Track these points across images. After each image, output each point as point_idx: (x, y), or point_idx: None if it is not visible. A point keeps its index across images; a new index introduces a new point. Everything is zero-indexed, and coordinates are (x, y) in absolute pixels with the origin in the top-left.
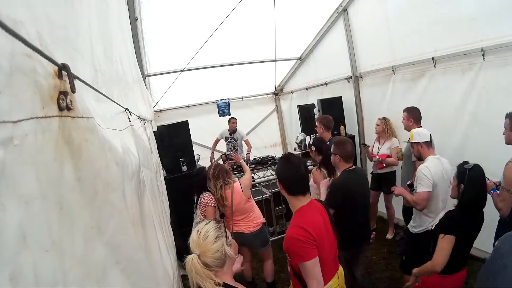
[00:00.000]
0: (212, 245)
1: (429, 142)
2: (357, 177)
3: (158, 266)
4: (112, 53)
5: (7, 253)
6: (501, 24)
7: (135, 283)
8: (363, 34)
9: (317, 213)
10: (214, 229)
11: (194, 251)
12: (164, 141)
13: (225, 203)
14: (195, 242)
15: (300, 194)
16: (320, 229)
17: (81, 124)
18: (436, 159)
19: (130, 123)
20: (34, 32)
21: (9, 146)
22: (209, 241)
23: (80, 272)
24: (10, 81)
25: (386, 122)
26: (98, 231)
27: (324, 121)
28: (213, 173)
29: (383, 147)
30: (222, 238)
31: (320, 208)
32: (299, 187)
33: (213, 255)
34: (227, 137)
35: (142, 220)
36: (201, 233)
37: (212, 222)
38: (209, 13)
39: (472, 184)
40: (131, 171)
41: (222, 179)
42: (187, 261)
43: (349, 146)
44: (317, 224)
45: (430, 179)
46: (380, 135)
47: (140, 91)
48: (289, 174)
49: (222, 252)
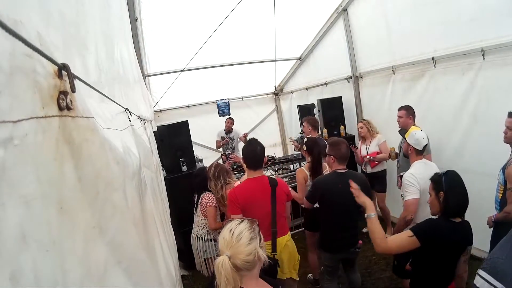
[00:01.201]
0: (246, 247)
1: (419, 151)
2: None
3: (160, 265)
4: (114, 53)
5: (7, 253)
6: (501, 24)
7: (137, 282)
8: (363, 34)
9: (256, 185)
10: (248, 230)
11: (225, 252)
12: (164, 141)
13: (226, 203)
14: (227, 242)
15: (252, 168)
16: (249, 198)
17: (81, 123)
18: (423, 164)
19: (131, 123)
20: (34, 32)
21: (9, 146)
22: (242, 243)
23: (81, 272)
24: (10, 81)
25: (369, 122)
26: (99, 231)
27: (312, 121)
28: (213, 172)
29: (371, 146)
30: (256, 240)
31: (264, 184)
32: (252, 163)
33: (245, 258)
34: (223, 136)
35: (144, 220)
36: (234, 233)
37: (245, 222)
38: (209, 13)
39: (451, 186)
40: (132, 171)
41: (222, 179)
42: (217, 262)
43: (344, 147)
44: (247, 193)
45: (416, 185)
46: (365, 136)
47: (141, 91)
48: (247, 152)
49: (255, 256)
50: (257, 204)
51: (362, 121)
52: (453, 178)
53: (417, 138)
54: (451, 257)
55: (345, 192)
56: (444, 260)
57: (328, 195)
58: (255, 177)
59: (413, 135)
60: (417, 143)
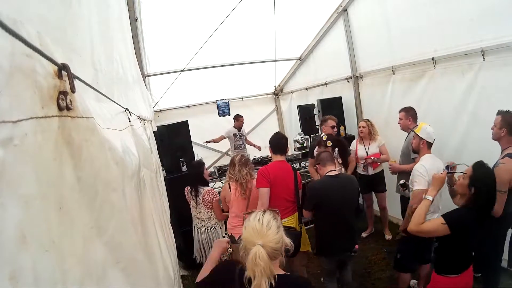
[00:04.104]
0: (275, 235)
1: (430, 144)
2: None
3: (158, 265)
4: (112, 53)
5: (7, 253)
6: (501, 24)
7: (135, 282)
8: (363, 34)
9: (282, 167)
10: (274, 219)
11: (256, 242)
12: (164, 141)
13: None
14: (258, 231)
15: (278, 153)
16: (277, 175)
17: (81, 124)
18: (431, 158)
19: (130, 123)
20: (34, 32)
21: (9, 146)
22: (272, 232)
23: (80, 272)
24: (10, 81)
25: (371, 123)
26: (98, 231)
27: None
28: (240, 159)
29: (371, 147)
30: (281, 228)
31: (288, 167)
32: (277, 150)
33: (275, 246)
34: (236, 133)
35: (142, 220)
36: (263, 222)
37: (269, 212)
38: (209, 13)
39: (485, 184)
40: (131, 171)
41: (249, 167)
42: (253, 253)
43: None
44: (276, 171)
45: (426, 176)
46: (365, 136)
47: (140, 91)
48: (274, 141)
49: (282, 244)
50: (283, 181)
51: (366, 121)
52: (489, 176)
53: (428, 132)
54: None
55: (341, 196)
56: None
57: (325, 200)
58: (280, 161)
59: (424, 129)
60: (428, 136)
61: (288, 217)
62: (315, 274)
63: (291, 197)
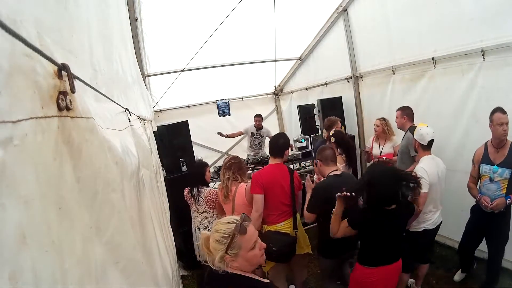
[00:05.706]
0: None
1: (425, 146)
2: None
3: (157, 265)
4: (112, 53)
5: (7, 253)
6: (501, 24)
7: (134, 282)
8: (363, 34)
9: (277, 170)
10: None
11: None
12: (164, 141)
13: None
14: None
15: (272, 155)
16: (271, 180)
17: (80, 124)
18: (431, 159)
19: (130, 123)
20: (34, 32)
21: (9, 146)
22: (214, 236)
23: (79, 272)
24: (10, 81)
25: (386, 123)
26: (98, 231)
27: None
28: (225, 162)
29: (385, 147)
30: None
31: (283, 170)
32: (273, 151)
33: (213, 245)
34: (253, 133)
35: (141, 220)
36: (214, 226)
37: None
38: (209, 13)
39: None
40: (130, 171)
41: (231, 172)
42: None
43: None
44: (270, 176)
45: (426, 179)
46: (380, 135)
47: (140, 91)
48: (271, 142)
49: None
50: (278, 185)
51: (380, 119)
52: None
53: (421, 134)
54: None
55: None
56: (380, 242)
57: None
58: (276, 163)
59: (418, 131)
60: (421, 138)
61: (284, 221)
62: (315, 274)
63: (287, 200)
